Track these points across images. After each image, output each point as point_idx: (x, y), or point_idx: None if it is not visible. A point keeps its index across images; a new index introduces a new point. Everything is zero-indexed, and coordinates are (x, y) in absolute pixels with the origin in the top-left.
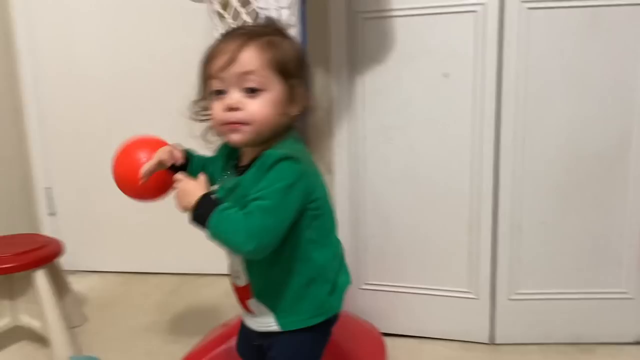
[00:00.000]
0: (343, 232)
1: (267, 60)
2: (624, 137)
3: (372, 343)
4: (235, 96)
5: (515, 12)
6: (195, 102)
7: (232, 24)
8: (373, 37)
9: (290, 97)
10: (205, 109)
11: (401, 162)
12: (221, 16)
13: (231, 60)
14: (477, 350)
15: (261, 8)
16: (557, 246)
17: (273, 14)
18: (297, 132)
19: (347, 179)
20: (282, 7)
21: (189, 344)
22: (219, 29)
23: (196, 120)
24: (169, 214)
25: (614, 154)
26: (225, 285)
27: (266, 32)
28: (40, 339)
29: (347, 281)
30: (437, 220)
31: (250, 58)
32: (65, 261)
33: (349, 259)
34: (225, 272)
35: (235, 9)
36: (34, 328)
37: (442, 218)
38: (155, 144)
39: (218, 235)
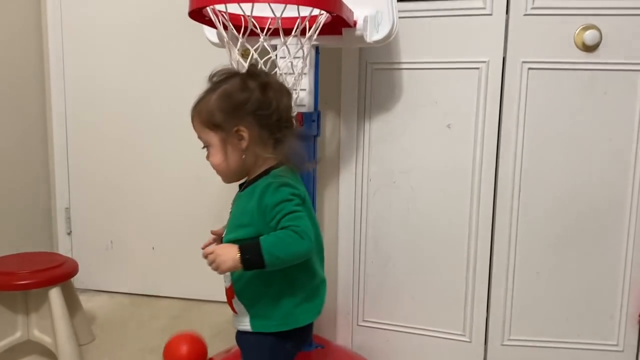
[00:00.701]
0: (343, 269)
1: (200, 123)
2: (619, 194)
3: None
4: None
5: (516, 71)
6: None
7: None
8: (382, 87)
9: (233, 139)
10: None
11: (403, 205)
12: (241, 64)
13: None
14: None
15: (280, 57)
16: (551, 296)
17: (289, 64)
18: (284, 165)
19: (351, 218)
20: (296, 58)
21: None
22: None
23: None
24: (179, 239)
25: (610, 210)
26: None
27: (201, 97)
28: (49, 354)
29: (319, 304)
30: (435, 263)
31: (195, 126)
32: (76, 280)
33: (348, 296)
34: None
35: (255, 58)
36: (45, 343)
37: (440, 261)
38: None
39: (280, 260)
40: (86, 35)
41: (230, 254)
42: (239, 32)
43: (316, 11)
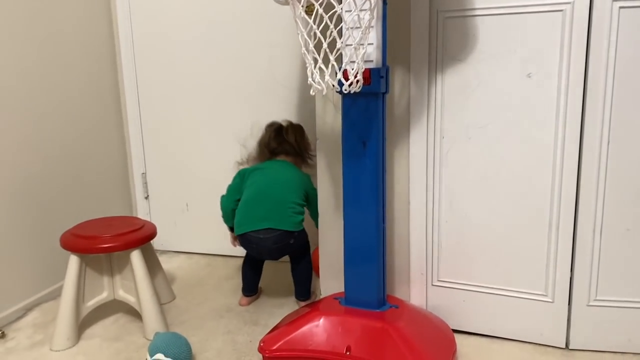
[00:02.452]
0: (415, 229)
1: None
2: None
3: (442, 338)
4: None
5: (605, 11)
6: None
7: (315, 28)
8: (454, 36)
9: None
10: None
11: (480, 162)
12: (305, 20)
13: None
14: (550, 354)
15: (345, 11)
16: None
17: (355, 17)
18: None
19: (423, 177)
20: (363, 10)
21: (267, 326)
22: (303, 32)
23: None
24: None
25: None
26: None
27: None
28: (133, 312)
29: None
30: (515, 221)
31: None
32: (155, 242)
33: (422, 256)
34: None
35: (320, 14)
36: (129, 302)
37: (520, 219)
38: None
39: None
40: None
41: None
42: None
43: None
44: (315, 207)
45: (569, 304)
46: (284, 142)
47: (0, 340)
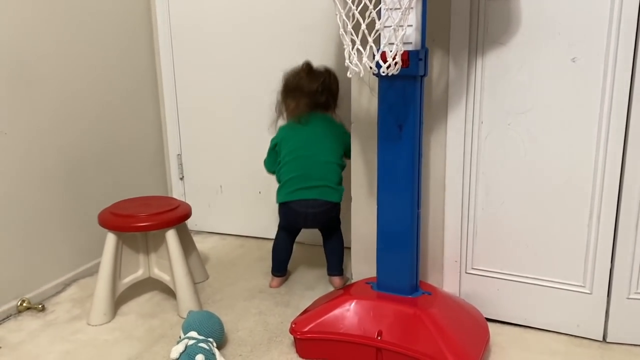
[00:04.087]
0: (450, 215)
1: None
2: None
3: (475, 326)
4: None
5: None
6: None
7: (354, 9)
8: (496, 19)
9: None
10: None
11: (520, 148)
12: (344, 1)
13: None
14: (586, 347)
15: None
16: None
17: None
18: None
19: (460, 163)
20: None
21: (298, 308)
22: (342, 13)
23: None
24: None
25: None
26: None
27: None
28: (168, 291)
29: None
30: (554, 210)
31: None
32: (190, 222)
33: (456, 243)
34: None
35: None
36: (164, 280)
37: (559, 208)
38: None
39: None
40: None
41: None
42: None
43: None
44: (349, 149)
45: (608, 295)
46: (322, 92)
47: (40, 314)
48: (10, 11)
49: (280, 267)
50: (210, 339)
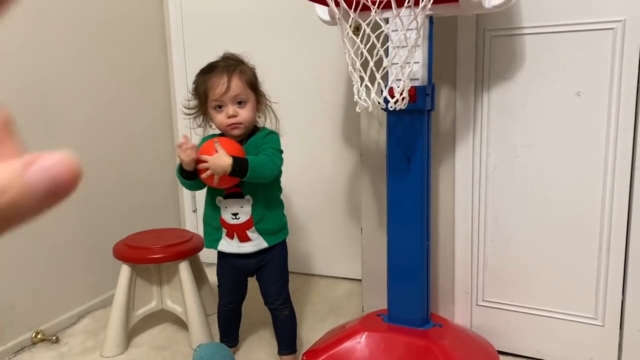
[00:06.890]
0: (460, 247)
1: (245, 82)
2: None
3: (486, 358)
4: (232, 108)
5: None
6: (195, 111)
7: (362, 47)
8: (502, 55)
9: (258, 102)
10: (204, 114)
11: (527, 181)
12: (353, 40)
13: (227, 89)
14: None
15: (392, 30)
16: None
17: (401, 36)
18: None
19: (469, 195)
20: (409, 29)
21: (309, 341)
22: (350, 52)
23: (192, 118)
24: (296, 219)
25: None
26: (345, 289)
27: (234, 63)
28: (180, 322)
29: None
30: (563, 243)
31: (236, 84)
32: (202, 254)
33: (466, 275)
34: (346, 277)
35: (367, 33)
36: (176, 312)
37: (568, 240)
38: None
39: (256, 174)
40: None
41: (223, 163)
42: (350, 7)
43: None
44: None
45: (620, 328)
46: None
47: (54, 345)
48: (31, 57)
49: None
50: None
